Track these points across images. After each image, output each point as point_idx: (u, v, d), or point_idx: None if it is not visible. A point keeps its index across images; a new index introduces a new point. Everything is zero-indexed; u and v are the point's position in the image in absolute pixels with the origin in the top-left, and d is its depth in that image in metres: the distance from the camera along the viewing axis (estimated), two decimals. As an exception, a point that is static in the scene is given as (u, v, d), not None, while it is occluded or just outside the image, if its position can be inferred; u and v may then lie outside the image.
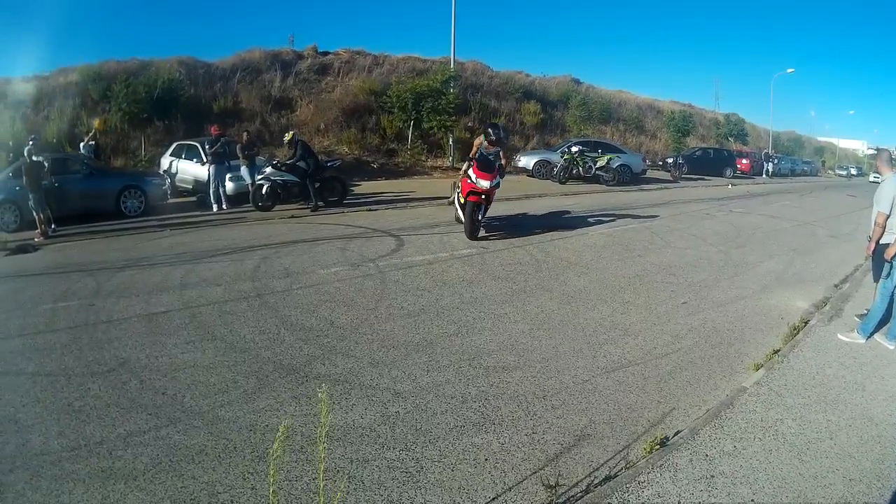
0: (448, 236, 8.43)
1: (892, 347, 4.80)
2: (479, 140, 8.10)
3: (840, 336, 5.02)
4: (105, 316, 4.88)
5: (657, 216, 11.70)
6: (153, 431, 3.05)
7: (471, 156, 8.18)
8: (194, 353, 4.07)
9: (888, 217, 4.72)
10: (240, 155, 11.42)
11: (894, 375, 4.29)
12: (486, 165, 7.93)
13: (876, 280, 5.15)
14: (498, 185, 8.15)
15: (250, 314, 4.90)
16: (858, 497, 2.76)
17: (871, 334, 4.94)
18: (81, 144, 13.70)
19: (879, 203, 4.76)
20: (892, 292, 4.73)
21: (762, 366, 4.30)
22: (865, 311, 5.33)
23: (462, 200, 8.27)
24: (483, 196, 8.06)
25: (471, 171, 7.94)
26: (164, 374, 3.73)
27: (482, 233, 8.54)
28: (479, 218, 8.34)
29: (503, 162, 8.20)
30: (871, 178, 33.79)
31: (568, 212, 11.59)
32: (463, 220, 8.49)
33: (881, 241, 4.83)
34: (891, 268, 4.66)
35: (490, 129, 8.03)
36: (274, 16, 68.04)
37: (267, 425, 3.12)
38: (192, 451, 2.86)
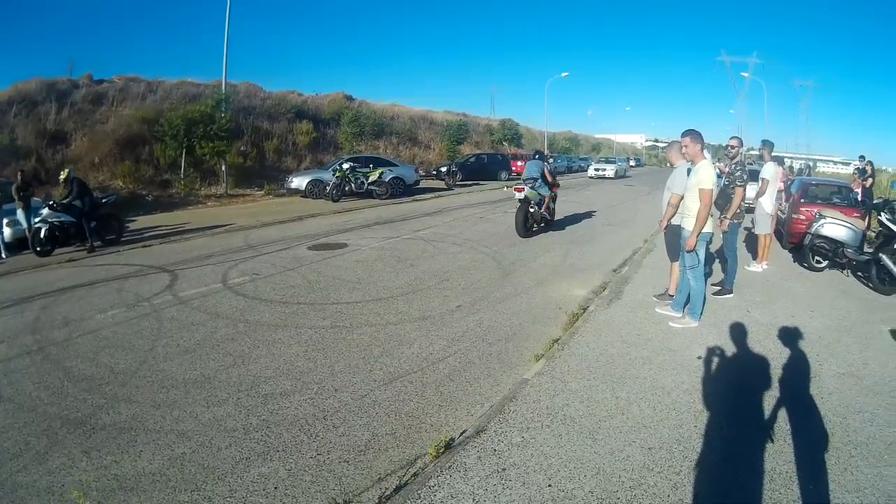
0: (220, 266, 8.22)
1: (678, 315, 5.14)
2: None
3: (672, 324, 5.04)
4: None
5: (430, 225, 11.96)
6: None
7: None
8: (-15, 419, 3.60)
9: (681, 199, 5.10)
10: (15, 197, 10.14)
11: (682, 346, 4.51)
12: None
13: (672, 259, 5.54)
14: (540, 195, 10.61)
15: (33, 369, 4.51)
16: (660, 463, 2.89)
17: (701, 315, 5.06)
18: None
19: (673, 188, 5.27)
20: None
21: (543, 356, 4.37)
22: (664, 292, 5.75)
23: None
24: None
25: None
26: (-40, 445, 3.25)
27: None
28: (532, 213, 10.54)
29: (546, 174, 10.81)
30: (591, 173, 34.03)
31: (340, 230, 11.59)
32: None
33: (672, 222, 5.31)
34: (696, 255, 4.87)
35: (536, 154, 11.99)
36: (51, 43, 59.83)
37: (62, 485, 2.92)
38: (-4, 525, 2.56)
